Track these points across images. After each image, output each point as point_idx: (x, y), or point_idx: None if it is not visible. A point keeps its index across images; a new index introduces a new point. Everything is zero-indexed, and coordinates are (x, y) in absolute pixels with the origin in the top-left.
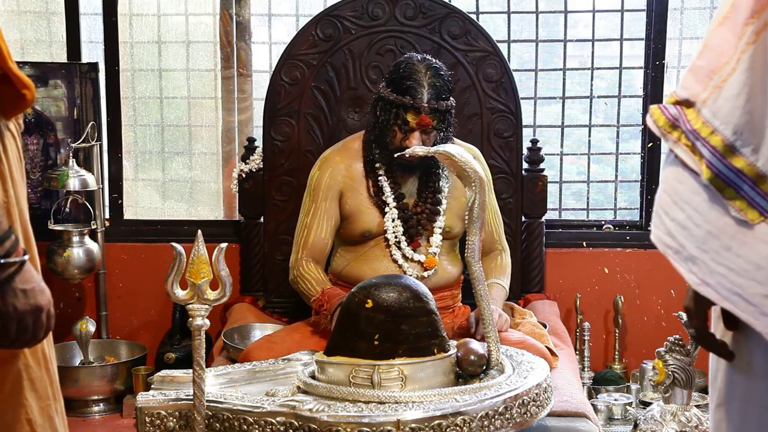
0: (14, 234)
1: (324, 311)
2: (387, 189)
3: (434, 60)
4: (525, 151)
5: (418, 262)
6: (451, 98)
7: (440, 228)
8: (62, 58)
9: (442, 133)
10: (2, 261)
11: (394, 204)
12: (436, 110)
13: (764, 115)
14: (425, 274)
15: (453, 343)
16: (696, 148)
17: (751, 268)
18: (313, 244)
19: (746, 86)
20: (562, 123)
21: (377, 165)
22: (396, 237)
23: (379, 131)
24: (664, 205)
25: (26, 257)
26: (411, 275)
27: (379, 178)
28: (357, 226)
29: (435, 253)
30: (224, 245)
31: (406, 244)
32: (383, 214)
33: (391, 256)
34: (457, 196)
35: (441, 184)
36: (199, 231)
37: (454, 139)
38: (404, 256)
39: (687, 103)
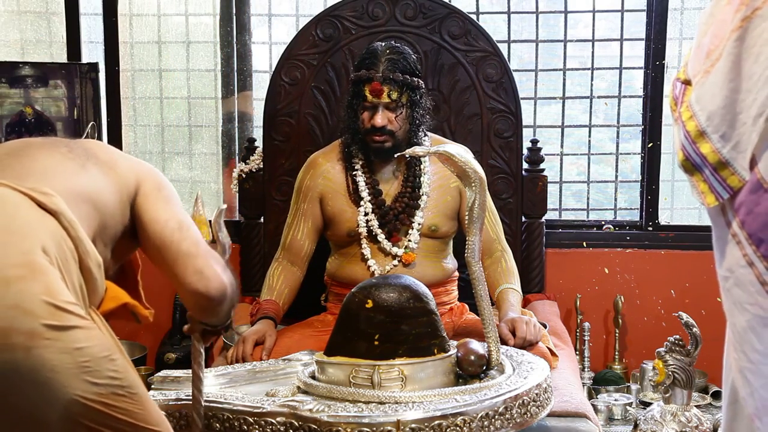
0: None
1: (251, 318)
2: (362, 183)
3: (401, 45)
4: (525, 151)
5: (395, 255)
6: (417, 79)
7: (419, 224)
8: (62, 58)
9: (410, 112)
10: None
11: (369, 198)
12: (392, 81)
13: (736, 102)
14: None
15: (453, 343)
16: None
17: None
18: (290, 245)
19: (726, 73)
20: (562, 123)
21: (354, 160)
22: (372, 231)
23: (348, 116)
24: None
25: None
26: (386, 271)
27: (355, 172)
28: (341, 227)
29: (412, 249)
30: (224, 206)
31: (384, 237)
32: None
33: (361, 251)
34: (443, 194)
35: (422, 180)
36: (199, 192)
37: (440, 137)
38: (381, 249)
39: (688, 83)
